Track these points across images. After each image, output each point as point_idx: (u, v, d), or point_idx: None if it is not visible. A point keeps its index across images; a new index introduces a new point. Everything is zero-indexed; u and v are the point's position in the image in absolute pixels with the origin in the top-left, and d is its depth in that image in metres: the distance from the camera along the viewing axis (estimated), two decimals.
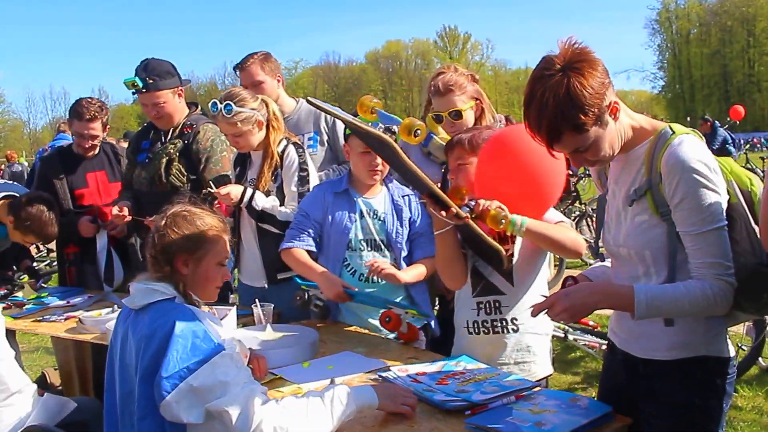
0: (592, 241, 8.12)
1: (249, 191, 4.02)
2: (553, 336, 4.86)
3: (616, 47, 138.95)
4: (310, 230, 3.75)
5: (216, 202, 3.97)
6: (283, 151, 4.09)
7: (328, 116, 4.59)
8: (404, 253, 3.74)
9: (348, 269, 3.71)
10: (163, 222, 2.59)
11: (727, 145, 16.16)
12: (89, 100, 5.07)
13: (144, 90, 4.45)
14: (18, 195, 4.66)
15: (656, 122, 2.47)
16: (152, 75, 4.43)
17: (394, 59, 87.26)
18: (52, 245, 5.80)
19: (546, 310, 2.45)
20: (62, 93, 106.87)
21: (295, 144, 4.15)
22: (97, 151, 5.10)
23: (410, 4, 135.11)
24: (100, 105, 5.06)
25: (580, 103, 2.22)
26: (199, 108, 4.78)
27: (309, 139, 4.63)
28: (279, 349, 3.14)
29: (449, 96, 3.79)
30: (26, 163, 21.58)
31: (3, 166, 23.85)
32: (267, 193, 4.07)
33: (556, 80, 2.23)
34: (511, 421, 2.33)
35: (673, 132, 2.36)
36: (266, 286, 4.12)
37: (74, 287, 4.92)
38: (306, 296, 3.67)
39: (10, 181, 7.98)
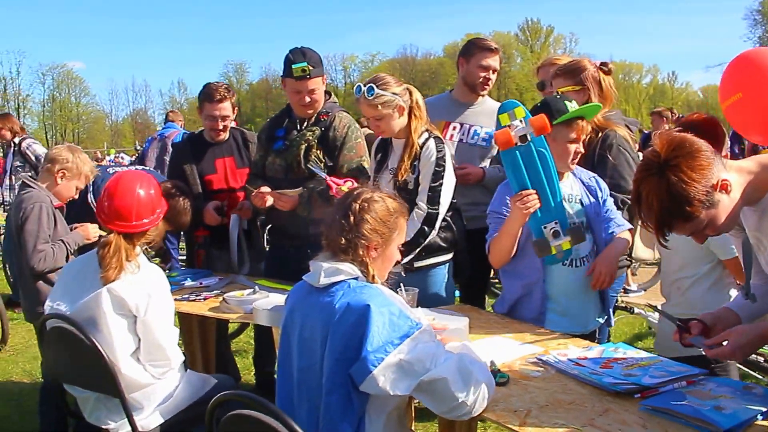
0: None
1: None
2: None
3: (710, 40, 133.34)
4: None
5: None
6: (424, 143, 4.13)
7: None
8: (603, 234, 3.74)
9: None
10: (357, 206, 2.66)
11: None
12: (217, 83, 5.22)
13: (308, 76, 4.54)
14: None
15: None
16: (312, 62, 4.53)
17: None
18: None
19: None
20: (143, 85, 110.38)
21: (436, 138, 4.18)
22: (226, 136, 5.23)
23: None
24: (227, 87, 5.21)
25: (685, 199, 2.28)
26: (333, 96, 4.87)
27: (486, 133, 4.92)
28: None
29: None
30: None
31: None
32: (404, 183, 4.12)
33: (657, 181, 2.31)
34: (688, 405, 2.35)
35: None
36: (403, 273, 4.08)
37: (202, 269, 5.07)
38: (551, 232, 3.54)
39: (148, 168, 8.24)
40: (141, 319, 3.43)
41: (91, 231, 4.64)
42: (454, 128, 4.97)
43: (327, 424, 2.48)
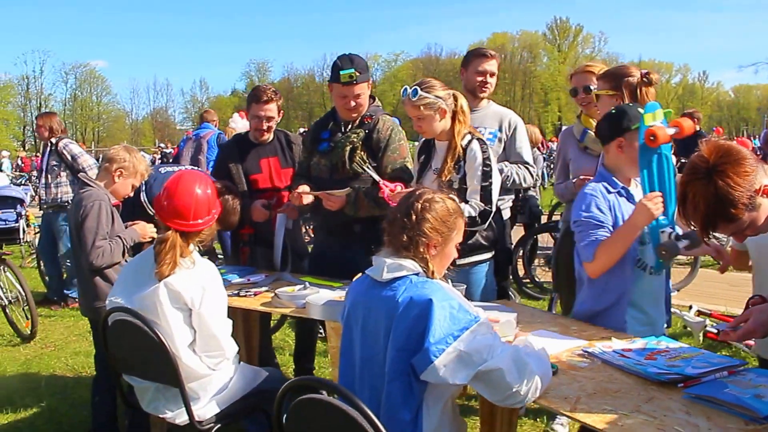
0: None
1: None
2: None
3: (745, 39, 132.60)
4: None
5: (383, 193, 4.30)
6: (467, 145, 4.32)
7: (512, 119, 5.14)
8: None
9: (638, 264, 3.58)
10: (419, 206, 2.84)
11: None
12: (265, 85, 5.46)
13: (354, 82, 4.70)
14: None
15: None
16: (358, 68, 4.70)
17: (500, 52, 79.81)
18: None
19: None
20: (165, 84, 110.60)
21: (479, 140, 4.37)
22: (271, 137, 5.42)
23: None
24: (275, 90, 5.41)
25: (729, 202, 2.48)
26: (376, 100, 5.04)
27: (490, 133, 5.03)
28: None
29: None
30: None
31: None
32: (449, 183, 4.28)
33: (704, 185, 2.51)
34: (730, 393, 2.50)
35: None
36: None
37: (247, 266, 5.25)
38: (669, 237, 3.50)
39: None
40: (196, 311, 3.61)
41: (147, 229, 4.82)
42: None
43: (388, 410, 2.66)
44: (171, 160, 19.01)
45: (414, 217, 2.82)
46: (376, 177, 4.50)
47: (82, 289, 4.82)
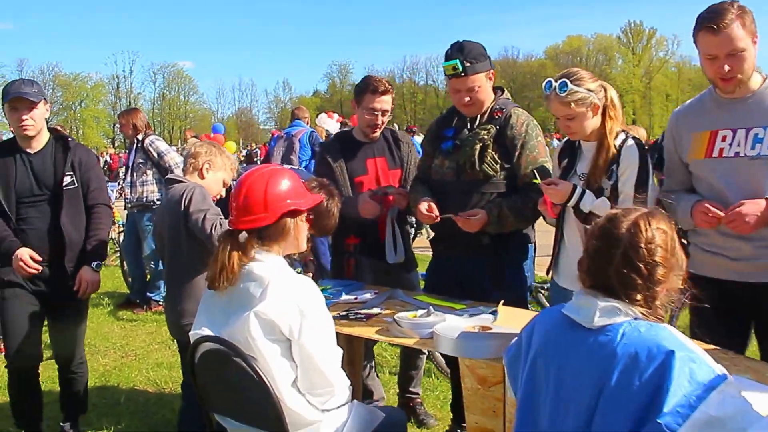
0: None
1: (578, 191, 3.63)
2: None
3: None
4: None
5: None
6: (621, 145, 3.65)
7: None
8: None
9: None
10: (642, 239, 2.24)
11: None
12: (378, 77, 4.77)
13: (462, 74, 4.06)
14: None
15: None
16: (469, 58, 4.05)
17: (575, 55, 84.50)
18: None
19: None
20: (250, 84, 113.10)
21: (634, 138, 3.71)
22: (377, 134, 4.76)
23: None
24: (388, 80, 4.77)
25: None
26: (506, 92, 4.34)
27: None
28: None
29: None
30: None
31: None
32: (599, 191, 3.62)
33: None
34: None
35: None
36: None
37: (353, 281, 4.59)
38: None
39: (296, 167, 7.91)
40: (296, 342, 2.93)
41: None
42: (724, 138, 3.43)
43: None
44: (260, 161, 18.75)
45: (634, 253, 2.22)
46: (540, 181, 3.77)
47: (170, 302, 4.27)
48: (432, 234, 4.62)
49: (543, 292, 6.44)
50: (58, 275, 4.48)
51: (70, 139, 4.70)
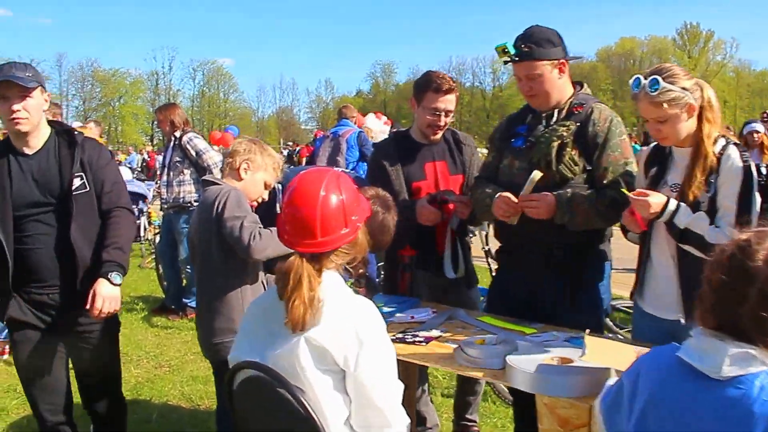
0: None
1: (672, 204, 3.15)
2: None
3: None
4: None
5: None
6: (722, 152, 3.19)
7: None
8: None
9: None
10: None
11: None
12: (441, 72, 4.35)
13: (516, 59, 3.65)
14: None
15: None
16: (529, 42, 3.63)
17: (628, 57, 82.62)
18: None
19: None
20: (291, 83, 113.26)
21: (736, 145, 3.23)
22: (439, 136, 4.33)
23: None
24: (452, 78, 4.32)
25: None
26: (586, 87, 3.90)
27: None
28: None
29: None
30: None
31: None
32: (695, 205, 3.16)
33: None
34: None
35: None
36: (682, 321, 3.21)
37: (409, 297, 4.16)
38: None
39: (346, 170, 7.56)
40: (352, 374, 2.52)
41: None
42: None
43: None
44: (305, 162, 18.38)
45: None
46: (629, 194, 3.29)
47: (199, 316, 3.94)
48: (486, 245, 4.18)
49: (616, 313, 5.94)
50: (71, 302, 3.65)
51: (76, 132, 3.84)
